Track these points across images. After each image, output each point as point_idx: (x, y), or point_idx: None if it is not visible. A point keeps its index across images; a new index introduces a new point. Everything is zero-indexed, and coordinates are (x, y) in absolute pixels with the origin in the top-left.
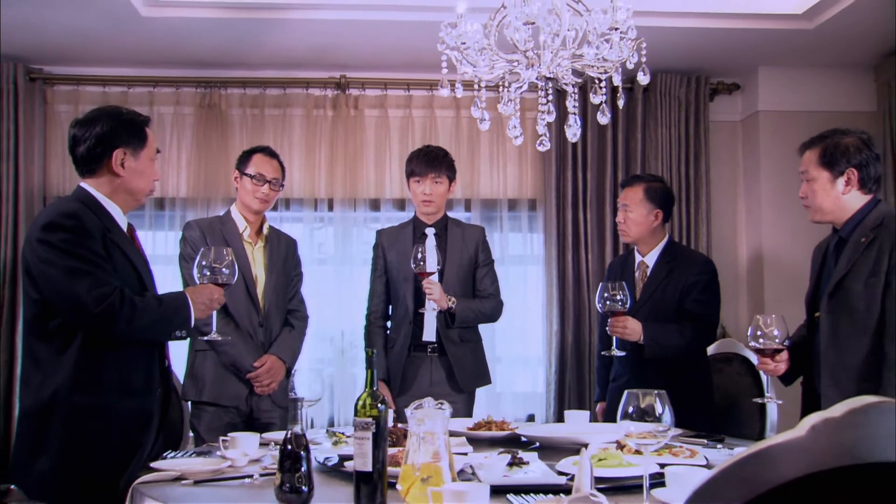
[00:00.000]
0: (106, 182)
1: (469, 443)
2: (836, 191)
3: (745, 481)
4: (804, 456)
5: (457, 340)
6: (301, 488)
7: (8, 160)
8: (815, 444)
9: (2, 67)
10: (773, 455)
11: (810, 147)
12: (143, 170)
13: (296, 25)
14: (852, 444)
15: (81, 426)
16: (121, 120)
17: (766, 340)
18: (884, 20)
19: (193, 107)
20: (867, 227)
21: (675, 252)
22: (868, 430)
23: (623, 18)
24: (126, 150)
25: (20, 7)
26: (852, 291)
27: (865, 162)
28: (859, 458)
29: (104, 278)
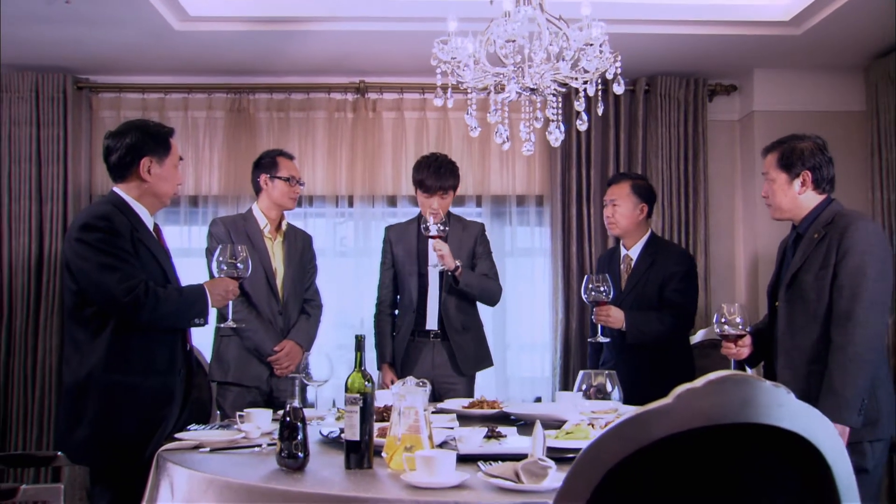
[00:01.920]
0: (135, 186)
1: (463, 420)
2: (793, 191)
3: (626, 439)
4: (670, 419)
5: (458, 328)
6: (297, 454)
7: (57, 162)
8: (680, 409)
9: (53, 78)
10: (646, 418)
11: (771, 150)
12: (168, 175)
13: (318, 36)
14: (709, 409)
15: (113, 401)
16: (147, 131)
17: (729, 327)
18: (869, 25)
19: (224, 111)
20: (820, 224)
21: (657, 245)
22: (722, 397)
23: (597, 34)
24: (152, 158)
25: (69, 25)
26: (805, 283)
27: (819, 165)
28: (714, 420)
29: (131, 272)
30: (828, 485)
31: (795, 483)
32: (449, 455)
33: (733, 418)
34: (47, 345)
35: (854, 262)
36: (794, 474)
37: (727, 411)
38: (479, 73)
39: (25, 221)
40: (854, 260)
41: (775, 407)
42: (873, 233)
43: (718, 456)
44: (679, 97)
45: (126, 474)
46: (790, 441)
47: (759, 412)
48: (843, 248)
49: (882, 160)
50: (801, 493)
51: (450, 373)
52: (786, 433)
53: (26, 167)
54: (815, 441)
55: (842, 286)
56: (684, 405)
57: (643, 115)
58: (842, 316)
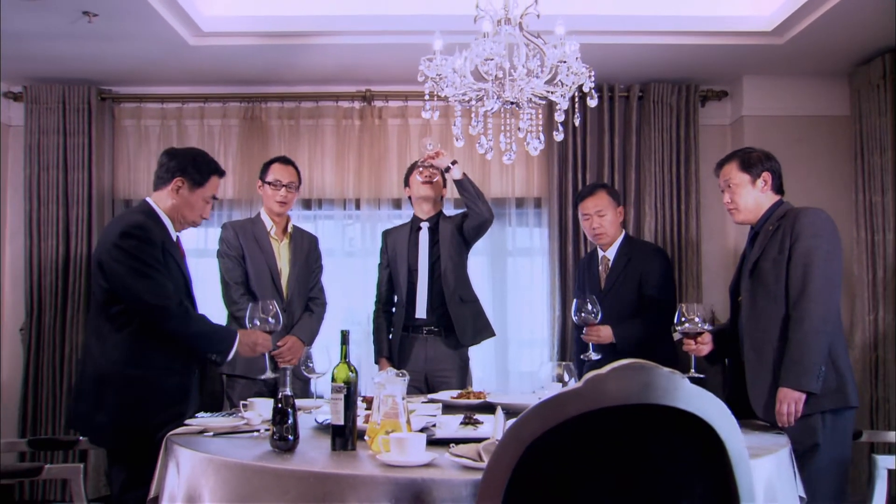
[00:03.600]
0: (164, 199)
1: (450, 409)
2: (755, 191)
3: (544, 417)
4: (581, 400)
5: (457, 300)
6: (287, 437)
7: (82, 169)
8: (589, 391)
9: (78, 90)
10: (561, 400)
11: (727, 162)
12: (194, 204)
13: (325, 48)
14: (615, 392)
15: (132, 393)
16: (193, 159)
17: (689, 325)
18: (849, 34)
19: (238, 119)
20: (774, 218)
21: (631, 245)
22: (625, 382)
23: (570, 52)
24: (185, 181)
25: (92, 41)
26: (764, 269)
27: (775, 168)
28: (619, 401)
29: (162, 281)
30: (722, 456)
31: (694, 455)
32: (419, 437)
33: (636, 400)
34: (74, 340)
35: (805, 244)
36: (692, 448)
37: (630, 394)
38: (462, 87)
39: (53, 224)
40: (805, 242)
41: (672, 390)
42: (823, 219)
43: (625, 432)
44: (672, 103)
45: (140, 456)
46: (687, 419)
47: (658, 394)
48: (795, 232)
49: (865, 163)
50: (699, 463)
51: (442, 366)
52: (683, 413)
53: (53, 174)
54: (709, 419)
55: (796, 266)
56: (593, 388)
57: (637, 121)
58: (797, 293)
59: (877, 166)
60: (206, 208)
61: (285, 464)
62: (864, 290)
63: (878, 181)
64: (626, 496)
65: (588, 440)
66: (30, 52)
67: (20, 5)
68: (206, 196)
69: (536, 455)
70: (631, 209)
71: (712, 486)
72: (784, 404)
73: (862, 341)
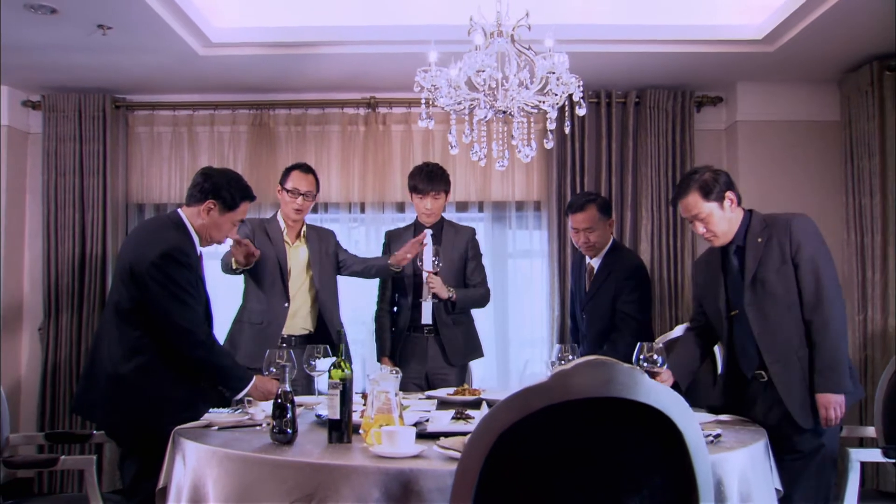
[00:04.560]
0: (194, 216)
1: (446, 405)
2: (727, 213)
3: (514, 409)
4: (548, 393)
5: (449, 323)
6: (287, 430)
7: (98, 174)
8: (555, 386)
9: (93, 98)
10: (529, 393)
11: (684, 195)
12: (221, 226)
13: (331, 57)
14: (578, 386)
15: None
16: (228, 182)
17: (647, 364)
18: (837, 42)
19: (247, 125)
20: (756, 231)
21: (615, 255)
22: (588, 377)
23: (560, 62)
24: (216, 204)
25: (107, 53)
26: (768, 281)
27: (731, 183)
28: (583, 394)
29: (194, 306)
30: (681, 447)
31: (654, 445)
32: (409, 430)
33: (598, 393)
34: (90, 338)
35: (808, 251)
36: (652, 438)
37: (592, 388)
38: (456, 97)
39: (70, 228)
40: (808, 250)
41: (632, 385)
42: (813, 225)
43: (589, 424)
44: (667, 108)
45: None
46: (647, 412)
47: (619, 389)
48: (794, 242)
49: (854, 167)
50: (659, 453)
51: (442, 364)
52: (643, 406)
53: (70, 179)
54: (668, 412)
55: (805, 273)
56: (558, 383)
57: (634, 126)
58: (814, 300)
59: (866, 170)
60: (233, 230)
61: (283, 455)
62: (853, 291)
63: (867, 184)
64: (591, 483)
65: (555, 431)
66: (48, 63)
67: (39, 19)
68: (235, 219)
69: (507, 444)
70: (628, 212)
71: (672, 474)
72: (830, 410)
73: (852, 341)
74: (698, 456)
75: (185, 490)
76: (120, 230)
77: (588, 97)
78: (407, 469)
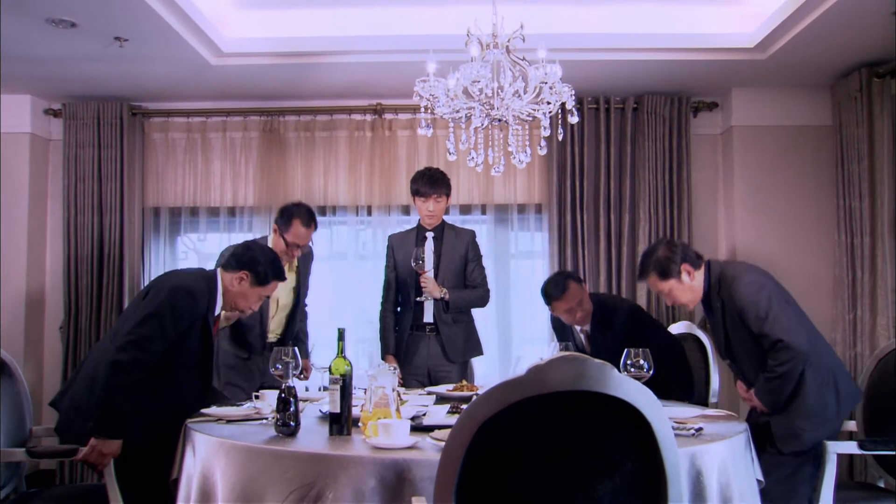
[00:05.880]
0: (226, 280)
1: (446, 400)
2: (686, 284)
3: (493, 401)
4: (524, 387)
5: (449, 322)
6: (290, 423)
7: (115, 179)
8: (531, 380)
9: (111, 106)
10: (506, 387)
11: (645, 276)
12: (248, 296)
13: (339, 66)
14: (552, 380)
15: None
16: (265, 263)
17: (634, 370)
18: (827, 50)
19: (258, 132)
20: (714, 294)
21: (602, 312)
22: (561, 371)
23: (552, 72)
24: (249, 276)
25: (123, 63)
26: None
27: (684, 254)
28: (557, 388)
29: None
30: (649, 437)
31: (624, 436)
32: (404, 423)
33: (571, 387)
34: None
35: (752, 314)
36: (622, 429)
37: (566, 381)
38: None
39: (89, 231)
40: (751, 312)
41: (603, 379)
42: (750, 283)
43: (563, 415)
44: (664, 114)
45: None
46: (617, 405)
47: (590, 382)
48: (738, 308)
49: (845, 171)
50: (629, 443)
51: (443, 362)
52: (613, 398)
53: (89, 184)
54: (636, 404)
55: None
56: (534, 377)
57: (632, 131)
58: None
59: (855, 174)
60: (258, 304)
61: (286, 446)
62: (843, 290)
63: (857, 188)
64: (565, 470)
65: (531, 421)
66: (68, 74)
67: (60, 33)
68: (263, 294)
69: (488, 434)
70: (626, 215)
71: (642, 463)
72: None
73: (843, 338)
74: (666, 444)
75: (194, 480)
76: (136, 233)
77: (587, 103)
78: (401, 459)
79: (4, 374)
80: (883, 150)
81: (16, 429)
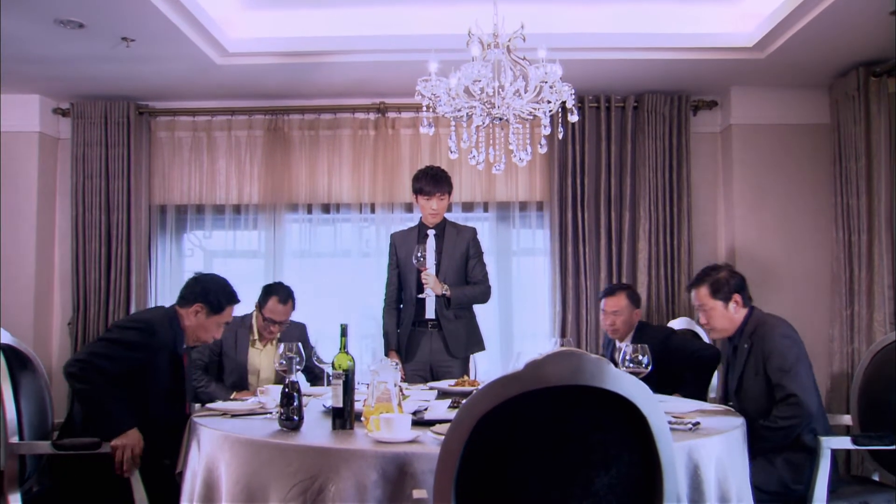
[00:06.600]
0: (184, 316)
1: (446, 395)
2: (729, 313)
3: (491, 396)
4: (521, 382)
5: (451, 318)
6: (293, 417)
7: (122, 177)
8: (527, 375)
9: (118, 105)
10: (505, 381)
11: (697, 286)
12: (208, 328)
13: (343, 65)
14: (549, 375)
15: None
16: (215, 288)
17: (633, 365)
18: (825, 50)
19: (263, 130)
20: (747, 334)
21: (642, 335)
22: (558, 366)
23: (552, 71)
24: (204, 307)
25: (130, 63)
26: (748, 388)
27: (741, 286)
28: (553, 382)
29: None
30: (645, 430)
31: (620, 429)
32: (406, 417)
33: (568, 381)
34: None
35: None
36: (618, 423)
37: (563, 376)
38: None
39: (96, 228)
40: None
41: (599, 373)
42: (786, 336)
43: (560, 409)
44: (665, 112)
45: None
46: (613, 399)
47: (586, 377)
48: (766, 352)
49: (843, 168)
50: (625, 436)
51: (445, 357)
52: (610, 393)
53: (97, 182)
54: (632, 398)
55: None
56: (531, 372)
57: (632, 129)
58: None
59: (853, 171)
60: (219, 331)
61: (289, 440)
62: (841, 286)
63: (854, 185)
64: (562, 463)
65: (529, 415)
66: (76, 74)
67: (68, 34)
68: (221, 322)
69: (486, 428)
70: (626, 213)
71: (638, 455)
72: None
73: (840, 334)
74: (661, 438)
75: (199, 473)
76: (143, 230)
77: (588, 101)
78: (402, 452)
79: (27, 369)
80: (880, 149)
81: (39, 422)
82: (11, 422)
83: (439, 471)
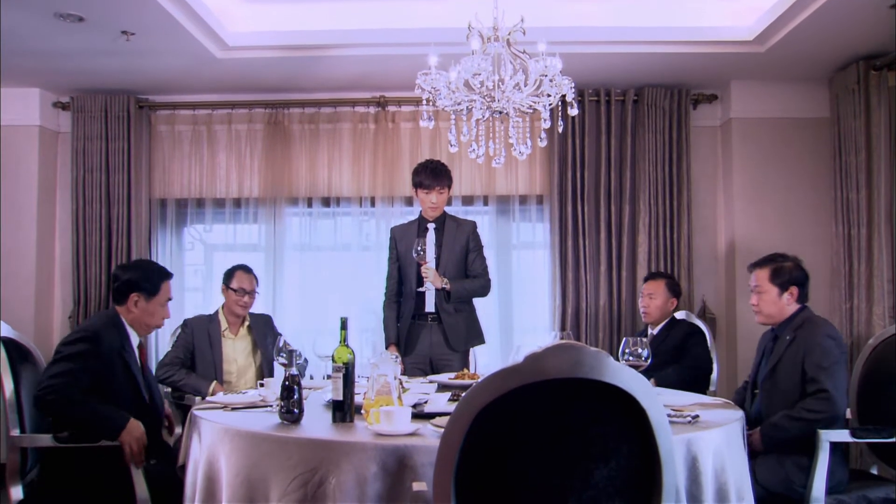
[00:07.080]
0: (125, 312)
1: (446, 388)
2: (781, 302)
3: (491, 388)
4: (521, 374)
5: (451, 311)
6: (293, 410)
7: (122, 171)
8: (527, 368)
9: (118, 99)
10: (505, 374)
11: (761, 266)
12: (153, 311)
13: (343, 59)
14: (549, 368)
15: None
16: (143, 272)
17: (633, 358)
18: (825, 44)
19: (263, 124)
20: (793, 327)
21: (673, 328)
22: (558, 359)
23: (552, 65)
24: (140, 296)
25: (130, 56)
26: (780, 379)
27: (803, 281)
28: (553, 375)
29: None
30: (644, 423)
31: (619, 422)
32: (405, 410)
33: (568, 374)
34: None
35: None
36: (617, 415)
37: (562, 369)
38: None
39: (97, 222)
40: (817, 355)
41: (598, 366)
42: (832, 337)
43: (560, 401)
44: (665, 106)
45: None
46: (613, 392)
47: (585, 370)
48: (808, 346)
49: (842, 162)
50: (624, 428)
51: (445, 350)
52: (609, 385)
53: (97, 175)
54: (631, 391)
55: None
56: (531, 365)
57: (633, 123)
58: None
59: (853, 165)
60: (166, 310)
61: (289, 432)
62: (841, 280)
63: (854, 179)
64: (561, 456)
65: (529, 408)
66: (76, 67)
67: (68, 27)
68: (162, 301)
69: (485, 420)
70: (626, 206)
71: (637, 448)
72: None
73: (840, 328)
74: (660, 430)
75: (200, 465)
76: (143, 224)
77: (588, 95)
78: (402, 445)
79: (28, 362)
80: (880, 142)
81: (40, 415)
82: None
83: (439, 463)
